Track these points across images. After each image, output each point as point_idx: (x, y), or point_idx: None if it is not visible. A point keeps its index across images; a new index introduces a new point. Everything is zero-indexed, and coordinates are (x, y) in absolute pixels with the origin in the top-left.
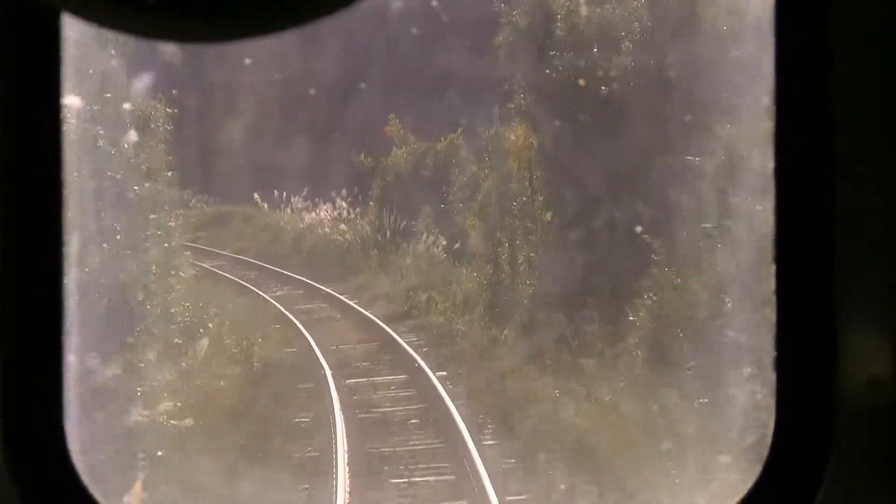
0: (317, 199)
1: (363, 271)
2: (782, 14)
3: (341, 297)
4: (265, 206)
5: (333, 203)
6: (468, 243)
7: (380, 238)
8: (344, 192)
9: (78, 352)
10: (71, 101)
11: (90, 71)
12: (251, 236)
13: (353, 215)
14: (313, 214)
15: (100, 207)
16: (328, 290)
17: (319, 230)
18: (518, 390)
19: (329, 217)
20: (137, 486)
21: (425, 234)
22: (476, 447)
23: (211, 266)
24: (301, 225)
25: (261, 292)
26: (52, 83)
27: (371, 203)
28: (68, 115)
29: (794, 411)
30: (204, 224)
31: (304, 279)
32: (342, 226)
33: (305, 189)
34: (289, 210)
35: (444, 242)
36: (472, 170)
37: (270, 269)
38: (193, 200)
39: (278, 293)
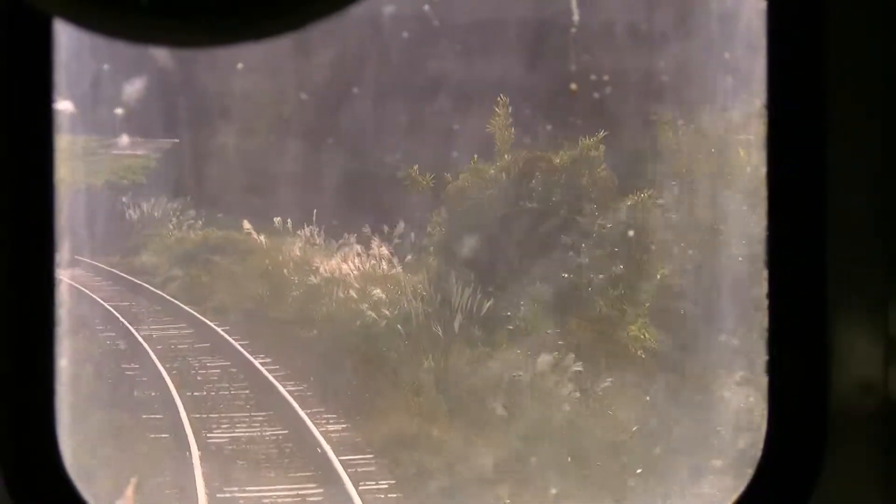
0: (343, 235)
1: (405, 397)
2: (775, 17)
3: (350, 468)
4: (262, 239)
5: (367, 245)
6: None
7: (440, 331)
8: (384, 228)
9: None
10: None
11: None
12: (241, 285)
13: (397, 270)
14: (334, 262)
15: None
16: (325, 447)
17: (341, 292)
18: None
19: (357, 270)
20: (130, 490)
21: (544, 352)
22: None
23: (161, 339)
24: (314, 278)
25: (193, 439)
26: (45, 88)
27: (430, 253)
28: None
29: (787, 413)
30: (184, 257)
31: (293, 396)
32: (377, 290)
33: (317, 218)
34: (297, 248)
35: (579, 368)
36: (629, 204)
37: (249, 361)
38: (176, 219)
39: (235, 434)
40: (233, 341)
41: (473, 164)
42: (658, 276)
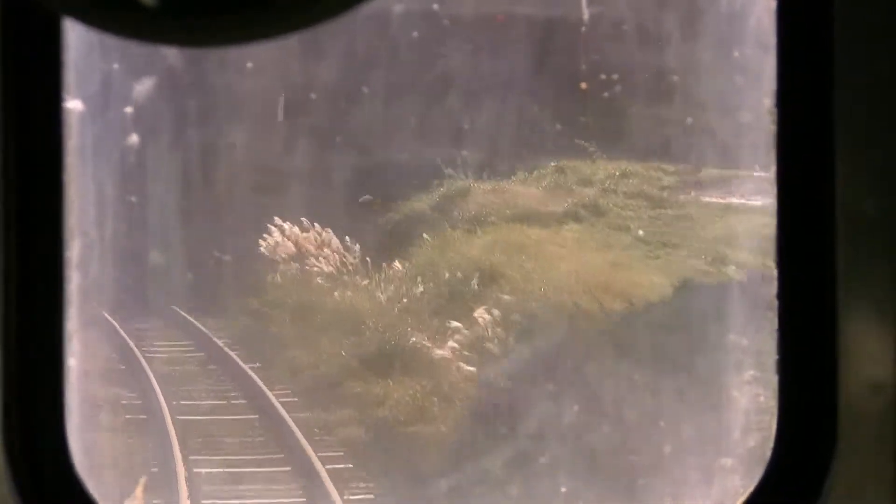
0: None
1: None
2: (785, 16)
3: None
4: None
5: None
6: None
7: None
8: None
9: None
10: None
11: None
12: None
13: None
14: None
15: None
16: None
17: None
18: None
19: None
20: (139, 490)
21: None
22: None
23: None
24: None
25: None
26: (54, 87)
27: None
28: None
29: (797, 414)
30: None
31: None
32: None
33: None
34: None
35: None
36: None
37: None
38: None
39: None
40: None
41: None
42: None
